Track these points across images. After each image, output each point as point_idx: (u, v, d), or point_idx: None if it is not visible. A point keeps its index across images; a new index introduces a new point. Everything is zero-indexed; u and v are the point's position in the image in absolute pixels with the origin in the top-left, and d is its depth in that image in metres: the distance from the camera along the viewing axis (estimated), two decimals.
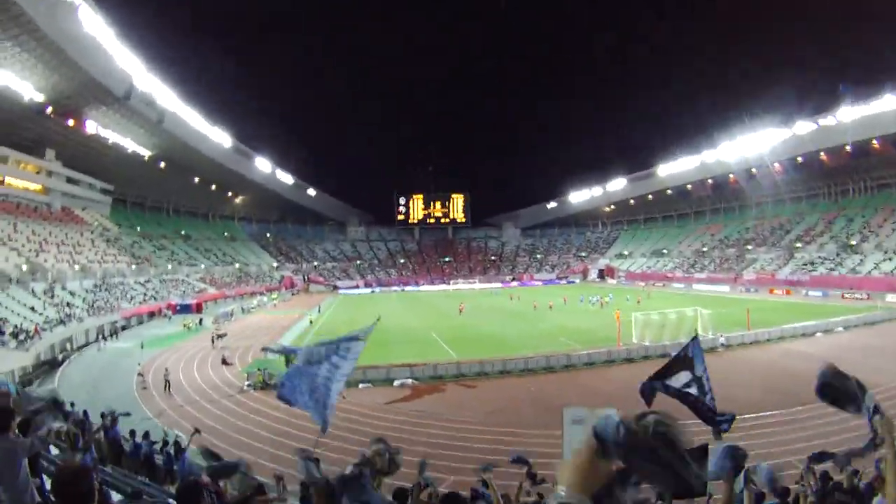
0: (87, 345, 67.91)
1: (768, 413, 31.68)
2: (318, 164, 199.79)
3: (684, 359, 9.26)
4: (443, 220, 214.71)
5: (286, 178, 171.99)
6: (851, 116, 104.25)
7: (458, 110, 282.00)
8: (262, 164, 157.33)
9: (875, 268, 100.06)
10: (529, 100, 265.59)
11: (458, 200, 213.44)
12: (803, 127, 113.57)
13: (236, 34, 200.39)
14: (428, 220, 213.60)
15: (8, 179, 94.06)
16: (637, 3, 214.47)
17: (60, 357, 59.50)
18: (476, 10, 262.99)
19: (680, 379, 9.30)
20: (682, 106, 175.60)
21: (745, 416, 29.87)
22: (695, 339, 9.43)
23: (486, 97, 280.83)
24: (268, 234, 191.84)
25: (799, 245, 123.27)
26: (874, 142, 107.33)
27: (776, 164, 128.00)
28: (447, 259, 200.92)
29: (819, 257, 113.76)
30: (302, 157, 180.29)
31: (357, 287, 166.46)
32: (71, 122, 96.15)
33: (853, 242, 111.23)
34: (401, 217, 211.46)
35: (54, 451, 10.78)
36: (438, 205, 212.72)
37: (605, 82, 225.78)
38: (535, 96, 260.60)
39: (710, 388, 9.17)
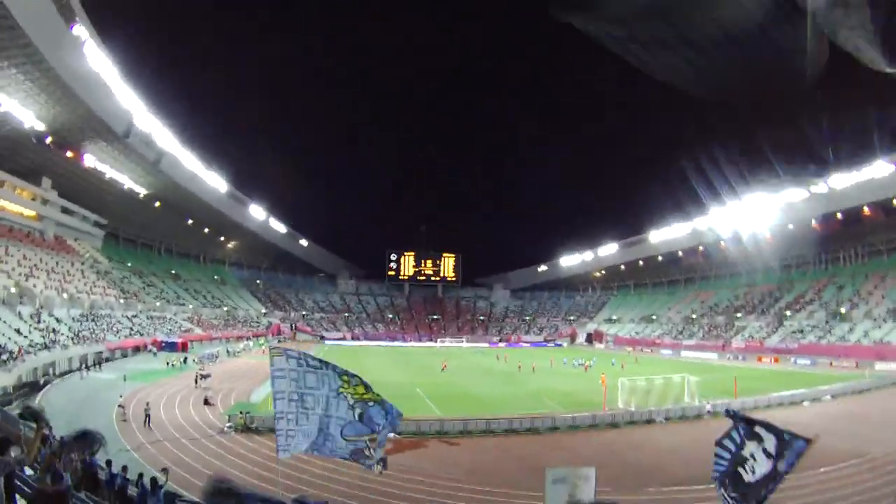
0: (69, 372, 67.71)
1: None
2: (312, 216, 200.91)
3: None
4: (433, 278, 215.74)
5: (279, 227, 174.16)
6: (843, 183, 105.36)
7: (454, 170, 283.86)
8: (257, 212, 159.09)
9: (864, 336, 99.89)
10: (523, 163, 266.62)
11: (448, 260, 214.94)
12: (795, 194, 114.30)
13: (239, 81, 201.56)
14: (418, 277, 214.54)
15: (2, 203, 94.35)
16: (631, 70, 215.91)
17: (42, 381, 59.34)
18: (474, 72, 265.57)
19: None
20: (674, 172, 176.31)
21: None
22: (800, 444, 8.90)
23: (481, 159, 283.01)
24: (258, 281, 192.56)
25: (788, 313, 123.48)
26: (865, 208, 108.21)
27: (767, 233, 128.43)
28: (436, 316, 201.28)
29: (808, 325, 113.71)
30: (296, 207, 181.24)
31: (344, 339, 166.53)
32: (69, 154, 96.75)
33: (843, 310, 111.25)
34: (391, 273, 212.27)
35: (29, 472, 10.60)
36: (429, 263, 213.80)
37: (598, 149, 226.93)
38: (529, 160, 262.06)
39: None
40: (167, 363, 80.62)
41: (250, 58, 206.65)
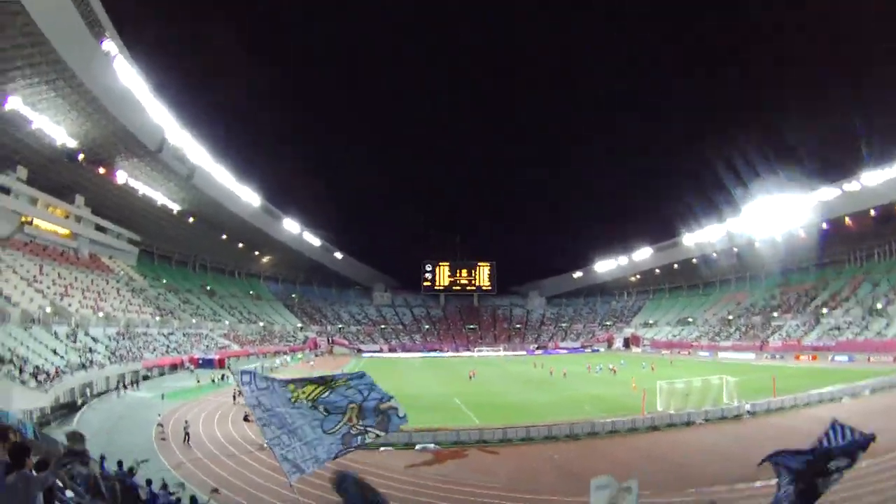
0: (107, 391, 68.18)
1: None
2: (346, 229, 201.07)
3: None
4: (468, 288, 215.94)
5: (313, 241, 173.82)
6: (875, 180, 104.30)
7: (488, 181, 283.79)
8: (290, 226, 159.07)
9: None
10: (556, 170, 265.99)
11: (483, 269, 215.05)
12: (827, 193, 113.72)
13: (271, 95, 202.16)
14: (454, 287, 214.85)
15: (36, 221, 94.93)
16: (659, 71, 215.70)
17: (80, 401, 59.62)
18: (501, 78, 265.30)
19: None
20: (707, 175, 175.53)
21: (770, 482, 29.50)
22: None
23: (514, 168, 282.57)
24: (293, 295, 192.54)
25: (825, 311, 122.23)
26: None
27: (801, 232, 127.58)
28: (472, 326, 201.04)
29: (845, 322, 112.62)
30: (330, 220, 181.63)
31: (381, 351, 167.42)
32: (102, 171, 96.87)
33: (879, 306, 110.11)
34: (427, 283, 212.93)
35: (70, 493, 10.67)
36: (464, 273, 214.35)
37: (629, 153, 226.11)
38: (560, 167, 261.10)
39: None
40: (197, 381, 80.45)
41: (282, 70, 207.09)
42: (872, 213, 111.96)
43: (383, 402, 12.37)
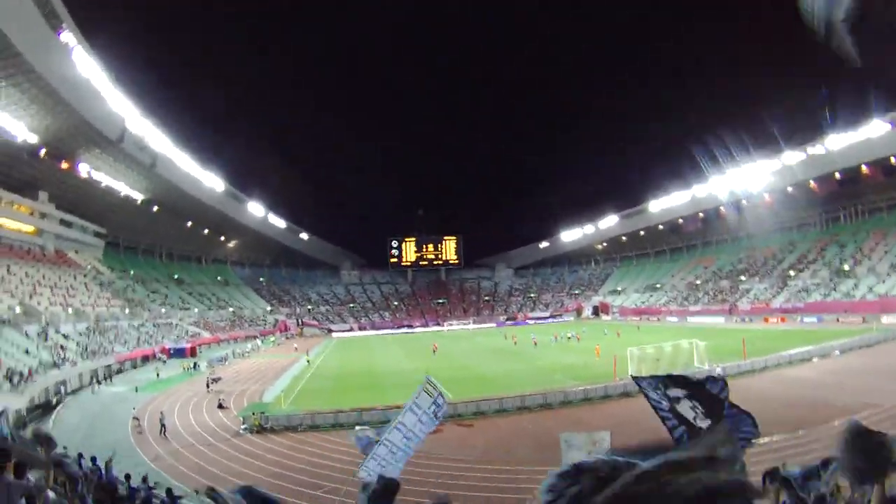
0: (81, 388, 67.52)
1: (763, 440, 31.13)
2: (311, 209, 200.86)
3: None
4: (435, 262, 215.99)
5: (279, 223, 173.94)
6: (839, 144, 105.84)
7: (451, 153, 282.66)
8: (255, 209, 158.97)
9: (869, 291, 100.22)
10: (520, 140, 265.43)
11: (450, 243, 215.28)
12: (792, 157, 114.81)
13: (229, 79, 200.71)
14: (420, 263, 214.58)
15: (1, 220, 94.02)
16: (623, 39, 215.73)
17: (54, 400, 59.02)
18: (468, 55, 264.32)
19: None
20: (671, 141, 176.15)
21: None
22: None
23: (478, 139, 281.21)
24: (261, 278, 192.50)
25: (792, 273, 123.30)
26: (863, 167, 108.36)
27: (766, 195, 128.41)
28: (441, 301, 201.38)
29: (813, 284, 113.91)
30: (294, 201, 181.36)
31: (351, 330, 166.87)
32: (64, 165, 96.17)
33: (846, 268, 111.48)
34: (393, 260, 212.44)
35: (52, 495, 10.74)
36: (431, 247, 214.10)
37: (593, 120, 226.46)
38: (525, 136, 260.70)
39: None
40: (157, 374, 78.21)
41: (239, 53, 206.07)
42: (837, 175, 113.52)
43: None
